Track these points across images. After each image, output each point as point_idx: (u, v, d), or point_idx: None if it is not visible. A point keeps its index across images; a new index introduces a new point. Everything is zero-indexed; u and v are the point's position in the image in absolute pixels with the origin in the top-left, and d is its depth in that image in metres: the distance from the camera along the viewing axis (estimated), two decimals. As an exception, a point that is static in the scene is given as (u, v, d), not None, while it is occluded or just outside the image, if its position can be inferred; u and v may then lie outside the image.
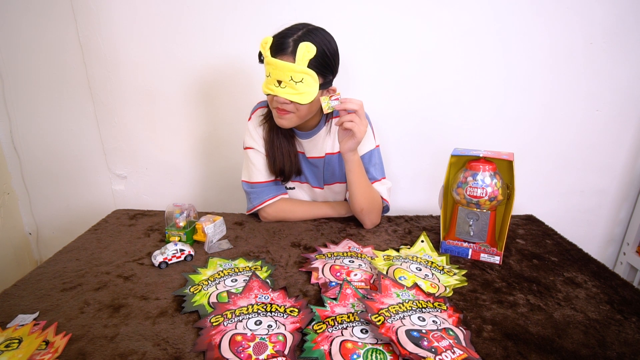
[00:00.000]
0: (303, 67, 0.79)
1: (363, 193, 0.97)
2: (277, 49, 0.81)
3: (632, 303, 0.72)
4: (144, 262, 0.87)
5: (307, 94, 0.82)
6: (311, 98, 0.83)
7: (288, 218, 1.07)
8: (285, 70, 0.80)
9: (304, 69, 0.80)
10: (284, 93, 0.82)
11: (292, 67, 0.79)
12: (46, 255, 1.57)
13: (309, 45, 0.78)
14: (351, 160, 0.92)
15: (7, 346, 0.58)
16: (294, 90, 0.82)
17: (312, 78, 0.81)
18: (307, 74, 0.80)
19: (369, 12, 1.24)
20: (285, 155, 1.00)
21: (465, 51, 1.28)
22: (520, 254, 0.92)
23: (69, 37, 1.29)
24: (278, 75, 0.81)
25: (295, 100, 0.83)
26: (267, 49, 0.82)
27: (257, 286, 0.74)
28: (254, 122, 1.03)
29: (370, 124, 1.02)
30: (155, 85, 1.35)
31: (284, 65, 0.80)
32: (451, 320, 0.65)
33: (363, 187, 0.97)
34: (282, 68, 0.80)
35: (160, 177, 1.48)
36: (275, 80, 0.82)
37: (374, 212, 1.02)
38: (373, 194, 1.00)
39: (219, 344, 0.58)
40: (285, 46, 0.80)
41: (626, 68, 1.27)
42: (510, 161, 0.84)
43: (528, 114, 1.34)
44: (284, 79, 0.80)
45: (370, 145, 1.02)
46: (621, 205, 1.46)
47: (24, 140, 1.43)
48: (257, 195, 1.03)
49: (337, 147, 0.99)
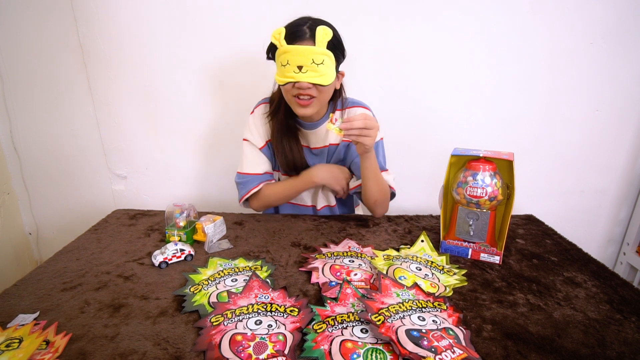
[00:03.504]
0: (323, 49, 0.83)
1: (377, 186, 1.01)
2: (294, 37, 0.84)
3: (632, 303, 0.72)
4: (144, 262, 0.87)
5: (328, 75, 0.86)
6: (332, 79, 0.87)
7: (273, 200, 1.08)
8: (306, 54, 0.82)
9: (324, 50, 0.83)
10: (306, 77, 0.84)
11: (313, 49, 0.82)
12: (46, 255, 1.57)
13: (326, 28, 0.83)
14: (367, 158, 0.95)
15: (8, 346, 0.58)
16: (315, 73, 0.84)
17: (330, 59, 0.85)
18: (327, 55, 0.84)
19: (370, 12, 1.24)
20: (294, 151, 1.02)
21: (465, 51, 1.28)
22: (520, 253, 0.92)
23: (69, 37, 1.29)
24: (299, 60, 0.83)
25: (318, 82, 0.85)
26: (281, 38, 0.83)
27: (257, 286, 0.74)
28: (255, 116, 1.06)
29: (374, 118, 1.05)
30: (155, 85, 1.35)
31: (305, 49, 0.82)
32: (451, 319, 0.65)
33: (378, 182, 1.00)
34: (303, 52, 0.82)
35: (160, 177, 1.48)
36: (295, 67, 0.84)
37: (385, 202, 1.06)
38: (384, 186, 1.03)
39: (219, 344, 0.58)
40: (301, 33, 0.84)
41: (626, 68, 1.27)
42: (510, 161, 0.84)
43: (528, 114, 1.34)
44: (305, 63, 0.83)
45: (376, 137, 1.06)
46: (621, 205, 1.46)
47: (24, 140, 1.43)
48: (244, 186, 1.06)
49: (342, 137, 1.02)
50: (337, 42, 0.88)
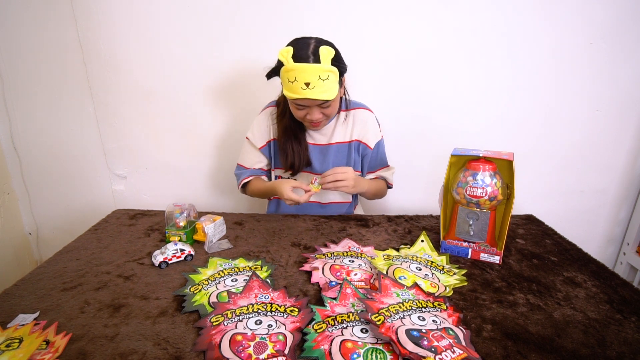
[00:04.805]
0: (328, 66, 0.89)
1: (376, 196, 1.19)
2: (300, 57, 0.89)
3: (632, 303, 0.72)
4: (144, 262, 0.87)
5: (333, 89, 0.92)
6: (336, 92, 0.93)
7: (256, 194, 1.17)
8: (314, 72, 0.89)
9: (329, 67, 0.90)
10: (314, 93, 0.90)
11: (319, 67, 0.89)
12: (46, 255, 1.57)
13: (329, 48, 0.90)
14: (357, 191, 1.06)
15: (8, 346, 0.58)
16: (321, 89, 0.90)
17: (334, 75, 0.91)
18: (331, 72, 0.90)
19: (372, 13, 1.24)
20: (295, 152, 1.08)
21: (465, 52, 1.28)
22: (520, 253, 0.92)
23: (69, 37, 1.29)
24: (306, 77, 0.89)
25: (324, 98, 0.91)
26: (289, 58, 0.90)
27: (257, 286, 0.74)
28: (260, 118, 1.13)
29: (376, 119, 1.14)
30: (155, 85, 1.35)
31: (312, 67, 0.89)
32: (451, 319, 0.65)
33: (376, 194, 1.17)
34: (310, 70, 0.88)
35: (160, 177, 1.48)
36: (302, 84, 0.89)
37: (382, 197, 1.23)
38: (381, 190, 1.18)
39: (219, 344, 0.58)
40: (307, 53, 0.90)
41: (626, 68, 1.27)
42: (510, 161, 0.84)
43: (528, 114, 1.34)
44: (312, 80, 0.89)
45: (378, 137, 1.14)
46: (621, 205, 1.46)
47: (24, 140, 1.43)
48: (239, 176, 1.17)
49: (348, 136, 1.11)
50: (339, 58, 0.94)
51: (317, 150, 1.11)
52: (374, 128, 1.12)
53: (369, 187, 1.10)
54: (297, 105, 0.97)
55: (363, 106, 1.13)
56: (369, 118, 1.12)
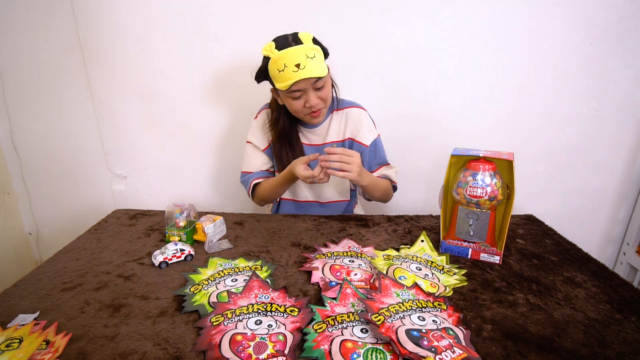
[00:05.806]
0: (311, 45, 0.93)
1: (380, 192, 1.10)
2: (283, 45, 0.92)
3: (632, 303, 0.72)
4: (144, 262, 0.87)
5: (323, 66, 0.95)
6: (326, 70, 0.95)
7: (267, 194, 1.13)
8: (300, 52, 0.91)
9: (312, 46, 0.93)
10: (306, 72, 0.91)
11: (304, 47, 0.92)
12: (46, 255, 1.57)
13: (306, 32, 0.94)
14: (361, 181, 0.99)
15: (8, 346, 0.58)
16: (312, 66, 0.92)
17: (319, 53, 0.95)
18: (316, 50, 0.93)
19: (369, 12, 1.24)
20: (290, 159, 1.06)
21: (465, 51, 1.28)
22: (520, 253, 0.92)
23: (69, 37, 1.29)
24: (295, 59, 0.91)
25: (317, 75, 0.92)
26: (272, 49, 0.92)
27: (257, 286, 0.74)
28: (259, 121, 1.13)
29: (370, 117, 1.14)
30: (155, 85, 1.35)
31: (297, 48, 0.91)
32: (451, 319, 0.65)
33: (379, 190, 1.09)
34: (296, 52, 0.91)
35: (160, 177, 1.48)
36: (293, 67, 0.91)
37: (389, 196, 1.16)
38: (386, 187, 1.12)
39: (219, 344, 0.58)
40: (289, 41, 0.93)
41: (626, 68, 1.27)
42: (510, 161, 0.84)
43: (528, 114, 1.34)
44: (301, 60, 0.91)
45: (374, 134, 1.13)
46: (621, 205, 1.46)
47: (24, 140, 1.43)
48: (246, 183, 1.15)
49: (342, 135, 1.12)
50: (317, 41, 0.98)
51: (312, 151, 1.11)
52: (367, 126, 1.12)
53: (370, 181, 1.05)
54: (293, 94, 0.96)
55: (355, 104, 1.13)
56: (361, 116, 1.11)
